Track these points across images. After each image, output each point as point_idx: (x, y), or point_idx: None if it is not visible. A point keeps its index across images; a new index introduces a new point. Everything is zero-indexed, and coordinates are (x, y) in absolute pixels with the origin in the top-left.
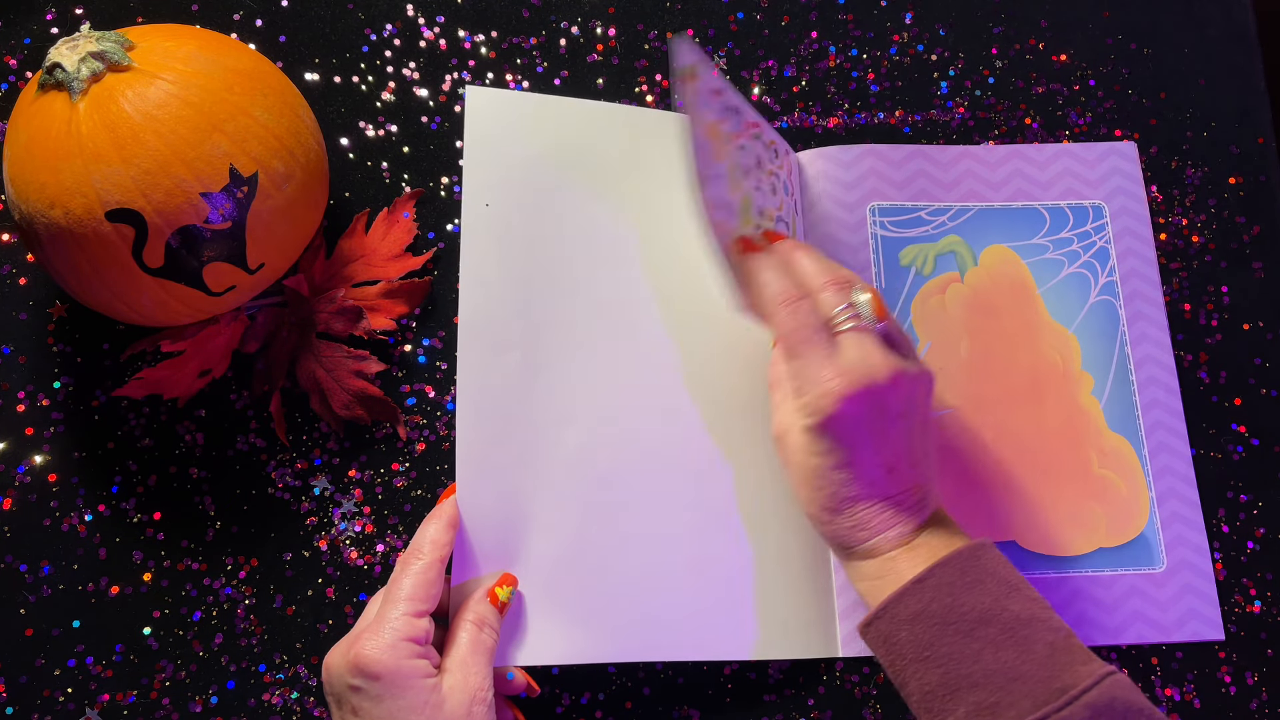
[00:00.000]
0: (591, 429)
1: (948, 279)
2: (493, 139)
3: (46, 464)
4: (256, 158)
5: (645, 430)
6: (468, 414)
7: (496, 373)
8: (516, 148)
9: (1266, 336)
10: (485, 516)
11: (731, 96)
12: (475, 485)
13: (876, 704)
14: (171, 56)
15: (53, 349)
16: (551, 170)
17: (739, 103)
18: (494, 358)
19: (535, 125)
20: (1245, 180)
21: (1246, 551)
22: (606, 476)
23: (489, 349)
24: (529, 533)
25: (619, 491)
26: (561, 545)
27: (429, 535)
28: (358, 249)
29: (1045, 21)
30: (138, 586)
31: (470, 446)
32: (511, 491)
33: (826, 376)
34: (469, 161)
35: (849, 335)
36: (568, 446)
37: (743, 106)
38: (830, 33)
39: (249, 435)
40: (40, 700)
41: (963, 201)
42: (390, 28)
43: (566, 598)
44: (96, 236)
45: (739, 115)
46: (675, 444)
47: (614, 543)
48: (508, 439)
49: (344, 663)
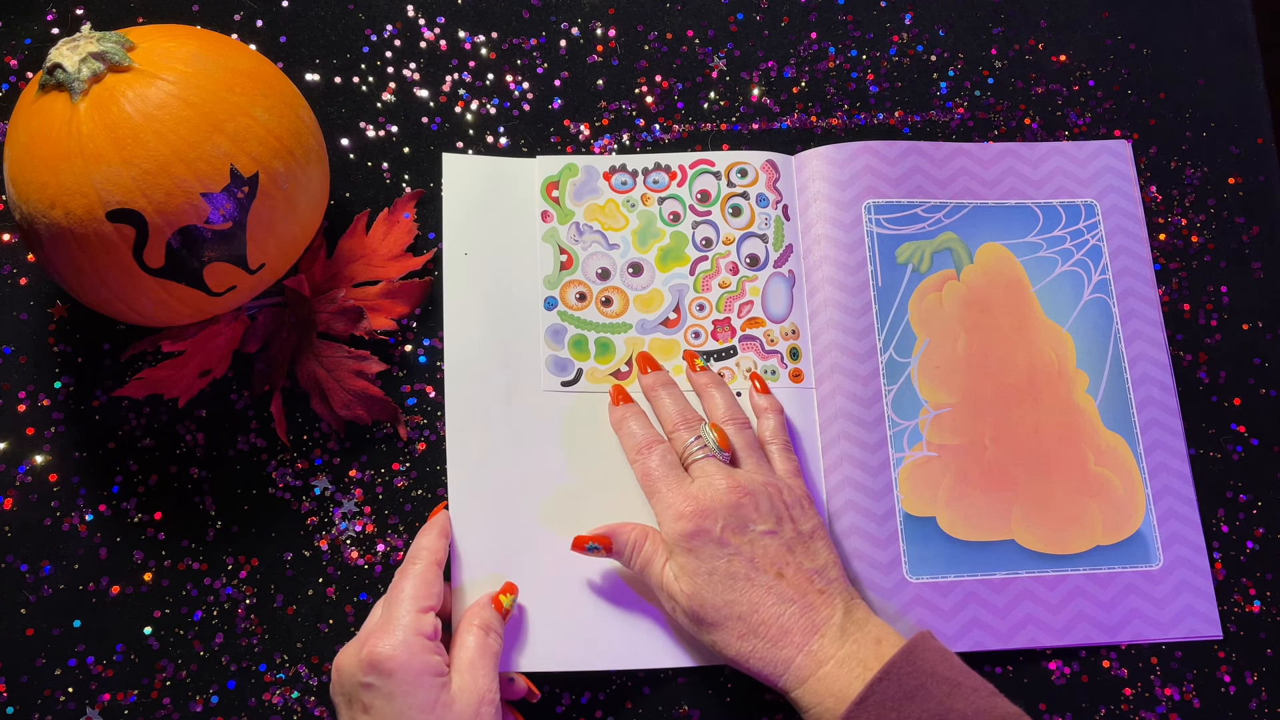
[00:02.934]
0: (576, 450)
1: (944, 276)
2: (469, 201)
3: (47, 464)
4: (257, 158)
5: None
6: (457, 435)
7: (482, 402)
8: (491, 207)
9: (1265, 336)
10: (478, 525)
11: (638, 160)
12: (466, 500)
13: None
14: (172, 57)
15: (53, 349)
16: (525, 224)
17: (658, 158)
18: (480, 386)
19: (509, 184)
20: (1245, 180)
21: (1246, 551)
22: (595, 487)
23: (474, 379)
24: (522, 540)
25: (613, 504)
26: (554, 552)
27: (424, 544)
28: (358, 249)
29: (1045, 22)
30: (138, 586)
31: (460, 466)
32: (502, 502)
33: (677, 503)
34: (448, 220)
35: (697, 465)
36: (555, 463)
37: (668, 158)
38: (830, 33)
39: (249, 435)
40: (41, 700)
41: (957, 199)
42: (390, 28)
43: (562, 605)
44: (97, 237)
45: (660, 171)
46: None
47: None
48: (495, 457)
49: (356, 661)
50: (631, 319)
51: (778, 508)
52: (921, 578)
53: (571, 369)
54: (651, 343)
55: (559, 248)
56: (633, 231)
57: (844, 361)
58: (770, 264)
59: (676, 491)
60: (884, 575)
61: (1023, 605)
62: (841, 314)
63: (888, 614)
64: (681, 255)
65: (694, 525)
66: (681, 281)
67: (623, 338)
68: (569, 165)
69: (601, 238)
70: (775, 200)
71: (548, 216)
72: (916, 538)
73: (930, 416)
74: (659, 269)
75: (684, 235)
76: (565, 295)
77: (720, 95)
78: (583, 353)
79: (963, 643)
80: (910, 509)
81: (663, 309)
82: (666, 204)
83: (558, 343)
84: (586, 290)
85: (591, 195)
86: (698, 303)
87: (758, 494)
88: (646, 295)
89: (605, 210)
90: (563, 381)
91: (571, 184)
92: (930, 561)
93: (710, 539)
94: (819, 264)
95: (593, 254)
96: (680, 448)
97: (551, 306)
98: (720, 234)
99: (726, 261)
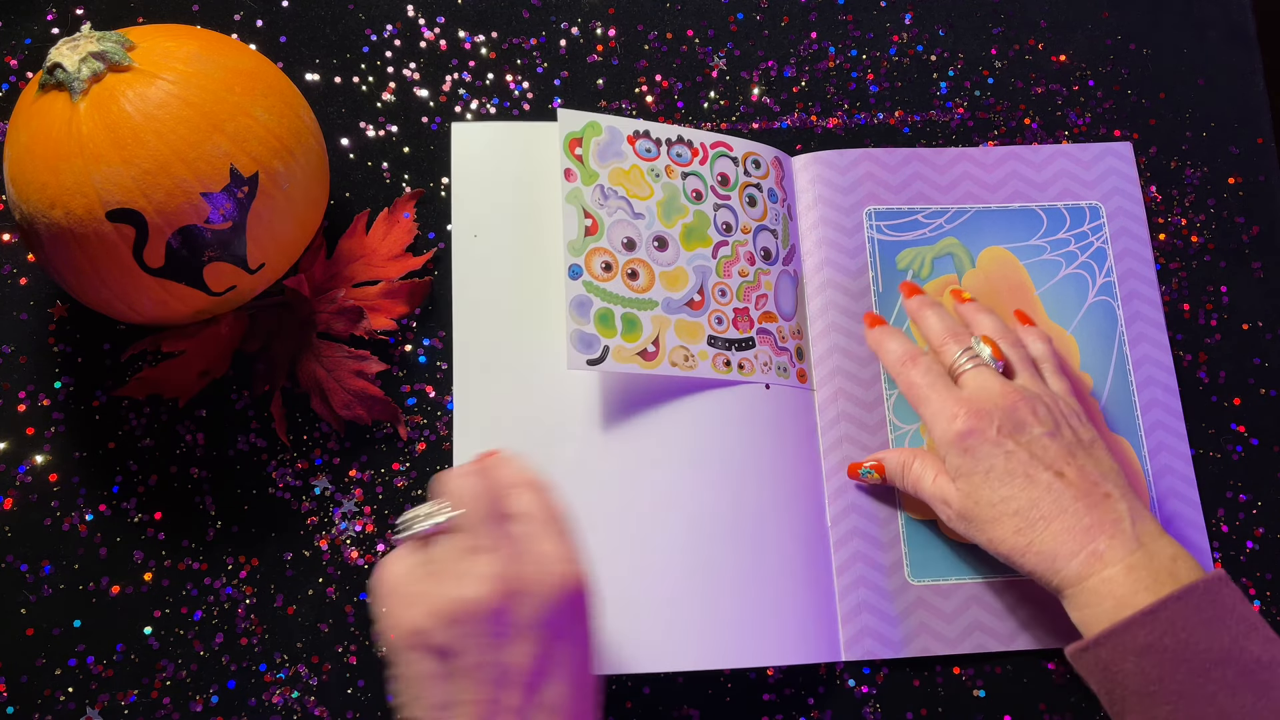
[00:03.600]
0: (586, 442)
1: (945, 281)
2: (477, 173)
3: (47, 464)
4: (257, 158)
5: (639, 441)
6: (465, 434)
7: (491, 395)
8: (501, 177)
9: (1266, 336)
10: None
11: (661, 129)
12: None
13: (876, 704)
14: (172, 57)
15: (53, 349)
16: (536, 192)
17: (680, 131)
18: (489, 379)
19: (524, 150)
20: (1245, 180)
21: (1246, 551)
22: (603, 487)
23: (484, 370)
24: None
25: (614, 503)
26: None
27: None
28: (358, 249)
29: (1045, 22)
30: (138, 586)
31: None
32: None
33: (949, 407)
34: (457, 196)
35: (968, 374)
36: (565, 460)
37: (689, 134)
38: (830, 33)
39: (249, 435)
40: (41, 700)
41: (960, 204)
42: (390, 28)
43: None
44: (97, 236)
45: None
46: (671, 454)
47: (607, 553)
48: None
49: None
50: (658, 296)
51: (1055, 414)
52: (924, 580)
53: (598, 345)
54: (678, 324)
55: (584, 210)
56: (658, 203)
57: (846, 365)
58: (780, 260)
59: (948, 397)
60: (886, 578)
61: (1025, 608)
62: (843, 318)
63: (889, 616)
64: (705, 236)
65: (969, 425)
66: (705, 263)
67: (649, 315)
68: (592, 123)
69: (627, 204)
70: (782, 198)
71: (571, 175)
72: (918, 541)
73: None
74: (684, 246)
75: (706, 216)
76: (591, 264)
77: (720, 95)
78: (609, 328)
79: (965, 645)
80: (912, 512)
81: (688, 289)
82: (689, 180)
83: (583, 316)
84: (612, 260)
85: (616, 159)
86: (720, 288)
87: (1034, 400)
88: (672, 273)
89: (630, 176)
90: (589, 359)
91: (596, 143)
92: (932, 565)
93: (986, 439)
94: (820, 267)
95: (618, 221)
96: (949, 360)
97: (577, 275)
98: (739, 221)
99: (744, 250)
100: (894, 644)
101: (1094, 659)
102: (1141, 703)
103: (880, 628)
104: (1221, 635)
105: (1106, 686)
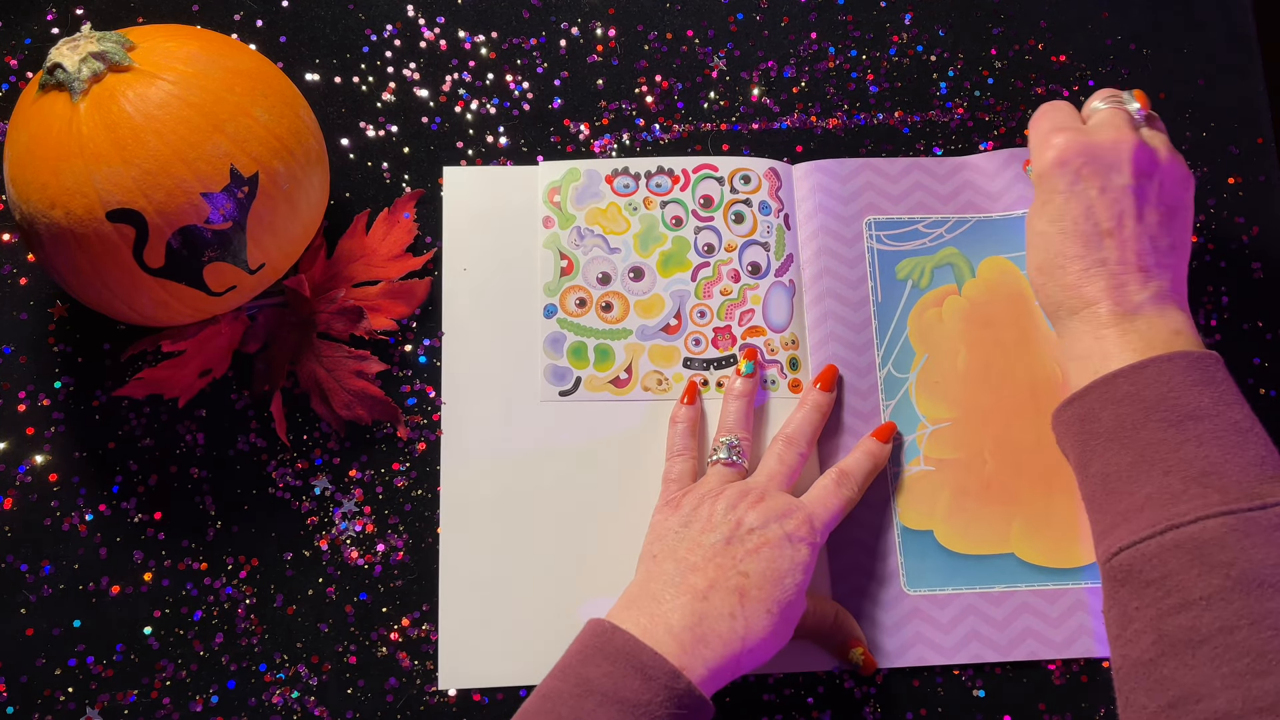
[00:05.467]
0: (577, 461)
1: (945, 291)
2: (466, 213)
3: (47, 464)
4: (257, 158)
5: (623, 454)
6: (453, 456)
7: (478, 418)
8: (493, 218)
9: (1266, 336)
10: (471, 543)
11: (641, 164)
12: (459, 527)
13: (876, 704)
14: (172, 57)
15: (53, 349)
16: (526, 233)
17: (661, 162)
18: (475, 404)
19: (511, 194)
20: (1245, 180)
21: None
22: (596, 501)
23: (472, 397)
24: (514, 555)
25: (609, 513)
26: (551, 563)
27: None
28: (358, 249)
29: (1045, 22)
30: (138, 586)
31: (453, 483)
32: (498, 517)
33: (1051, 132)
34: (448, 234)
35: (1101, 112)
36: (552, 473)
37: (671, 162)
38: (830, 33)
39: (249, 435)
40: (41, 700)
41: (960, 213)
42: (390, 28)
43: (557, 613)
44: (97, 236)
45: (663, 174)
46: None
47: (604, 562)
48: (493, 476)
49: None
50: (632, 324)
51: (1151, 172)
52: (920, 590)
53: (570, 378)
54: (652, 349)
55: (559, 253)
56: (634, 235)
57: (843, 374)
58: (771, 272)
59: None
60: (882, 588)
61: (1022, 618)
62: (842, 328)
63: (885, 626)
64: (683, 260)
65: (1057, 153)
66: (683, 287)
67: (622, 344)
68: (572, 170)
69: (603, 241)
70: (777, 209)
71: (549, 222)
72: (914, 551)
73: (928, 431)
74: (660, 274)
75: (686, 240)
76: (565, 301)
77: (720, 95)
78: (581, 360)
79: (961, 655)
80: (908, 522)
81: (663, 315)
82: (669, 208)
83: (556, 352)
84: (586, 296)
85: (593, 199)
86: (699, 309)
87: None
88: (647, 300)
89: (606, 214)
90: (560, 391)
91: (574, 188)
92: (928, 574)
93: (1065, 170)
94: (819, 276)
95: (593, 258)
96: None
97: (551, 314)
98: (723, 240)
99: (728, 268)
100: (889, 653)
101: (1075, 412)
102: (1108, 449)
103: (875, 637)
104: (1204, 397)
105: (1079, 439)
